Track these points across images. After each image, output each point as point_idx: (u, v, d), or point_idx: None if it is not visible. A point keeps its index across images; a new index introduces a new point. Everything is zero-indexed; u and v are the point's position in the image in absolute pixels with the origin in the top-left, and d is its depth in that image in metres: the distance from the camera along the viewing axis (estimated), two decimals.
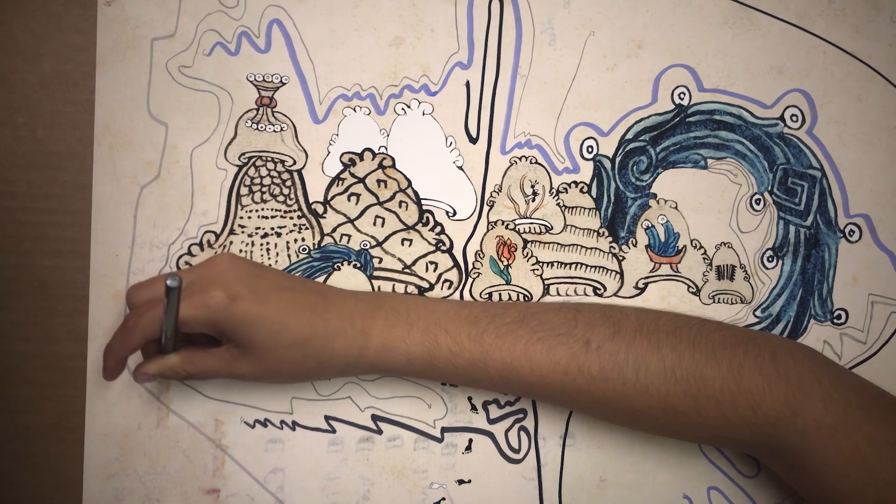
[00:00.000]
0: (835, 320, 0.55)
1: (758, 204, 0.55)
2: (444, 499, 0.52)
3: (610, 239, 0.54)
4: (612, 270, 0.54)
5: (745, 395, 0.46)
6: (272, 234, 0.51)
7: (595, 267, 0.54)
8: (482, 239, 0.53)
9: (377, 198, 0.52)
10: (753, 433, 0.46)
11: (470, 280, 0.53)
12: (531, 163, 0.53)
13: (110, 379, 0.46)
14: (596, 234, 0.54)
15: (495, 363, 0.46)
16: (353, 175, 0.52)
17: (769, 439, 0.46)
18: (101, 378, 0.49)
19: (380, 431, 0.52)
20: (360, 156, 0.52)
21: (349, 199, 0.52)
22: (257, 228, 0.51)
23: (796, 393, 0.46)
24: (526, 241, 0.53)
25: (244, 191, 0.51)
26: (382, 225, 0.52)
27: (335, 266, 0.52)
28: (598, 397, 0.46)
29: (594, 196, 0.54)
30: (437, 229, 0.53)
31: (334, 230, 0.52)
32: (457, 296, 0.53)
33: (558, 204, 0.54)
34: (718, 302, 0.54)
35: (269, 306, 0.44)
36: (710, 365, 0.46)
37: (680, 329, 0.48)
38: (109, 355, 0.44)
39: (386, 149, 0.52)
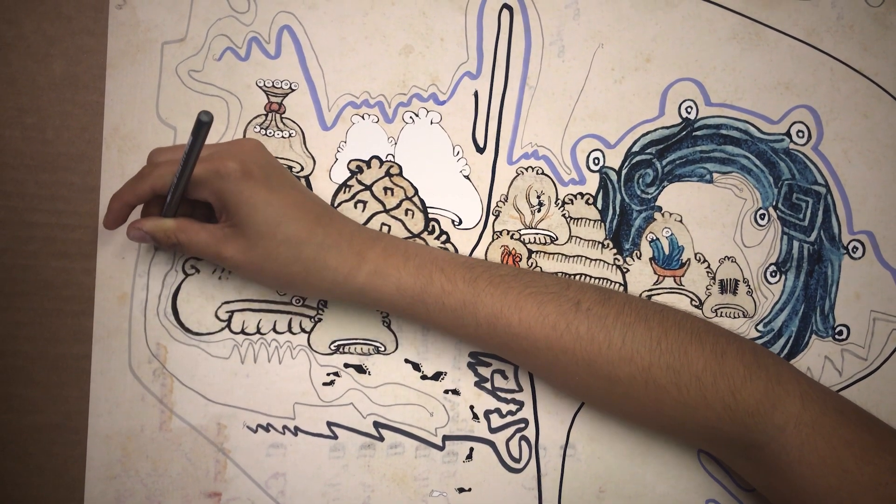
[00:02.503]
0: (836, 336, 0.55)
1: (762, 219, 0.55)
2: None
3: (614, 251, 0.54)
4: (615, 282, 0.54)
5: (727, 378, 0.46)
6: None
7: (599, 278, 0.54)
8: (487, 248, 0.53)
9: (384, 205, 0.52)
10: (731, 421, 0.46)
11: None
12: (537, 173, 0.54)
13: (110, 226, 0.46)
14: (600, 245, 0.54)
15: (485, 307, 0.46)
16: (360, 182, 0.52)
17: (745, 430, 0.46)
18: (105, 379, 0.49)
19: (381, 438, 0.52)
20: (368, 163, 0.52)
21: (356, 206, 0.52)
22: None
23: (776, 386, 0.46)
24: (531, 251, 0.53)
25: None
26: (388, 232, 0.52)
27: None
28: (581, 358, 0.46)
29: (600, 208, 0.54)
30: (443, 238, 0.53)
31: None
32: None
33: (564, 215, 0.54)
34: (721, 316, 0.55)
35: (277, 196, 0.44)
36: (694, 344, 0.46)
37: (666, 310, 0.48)
38: (115, 200, 0.45)
39: (393, 157, 0.52)
